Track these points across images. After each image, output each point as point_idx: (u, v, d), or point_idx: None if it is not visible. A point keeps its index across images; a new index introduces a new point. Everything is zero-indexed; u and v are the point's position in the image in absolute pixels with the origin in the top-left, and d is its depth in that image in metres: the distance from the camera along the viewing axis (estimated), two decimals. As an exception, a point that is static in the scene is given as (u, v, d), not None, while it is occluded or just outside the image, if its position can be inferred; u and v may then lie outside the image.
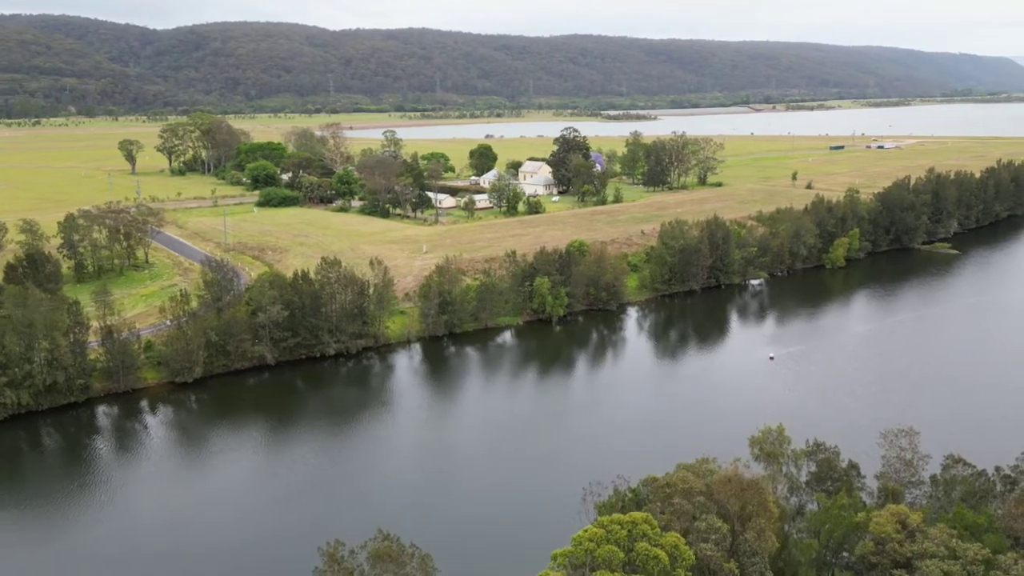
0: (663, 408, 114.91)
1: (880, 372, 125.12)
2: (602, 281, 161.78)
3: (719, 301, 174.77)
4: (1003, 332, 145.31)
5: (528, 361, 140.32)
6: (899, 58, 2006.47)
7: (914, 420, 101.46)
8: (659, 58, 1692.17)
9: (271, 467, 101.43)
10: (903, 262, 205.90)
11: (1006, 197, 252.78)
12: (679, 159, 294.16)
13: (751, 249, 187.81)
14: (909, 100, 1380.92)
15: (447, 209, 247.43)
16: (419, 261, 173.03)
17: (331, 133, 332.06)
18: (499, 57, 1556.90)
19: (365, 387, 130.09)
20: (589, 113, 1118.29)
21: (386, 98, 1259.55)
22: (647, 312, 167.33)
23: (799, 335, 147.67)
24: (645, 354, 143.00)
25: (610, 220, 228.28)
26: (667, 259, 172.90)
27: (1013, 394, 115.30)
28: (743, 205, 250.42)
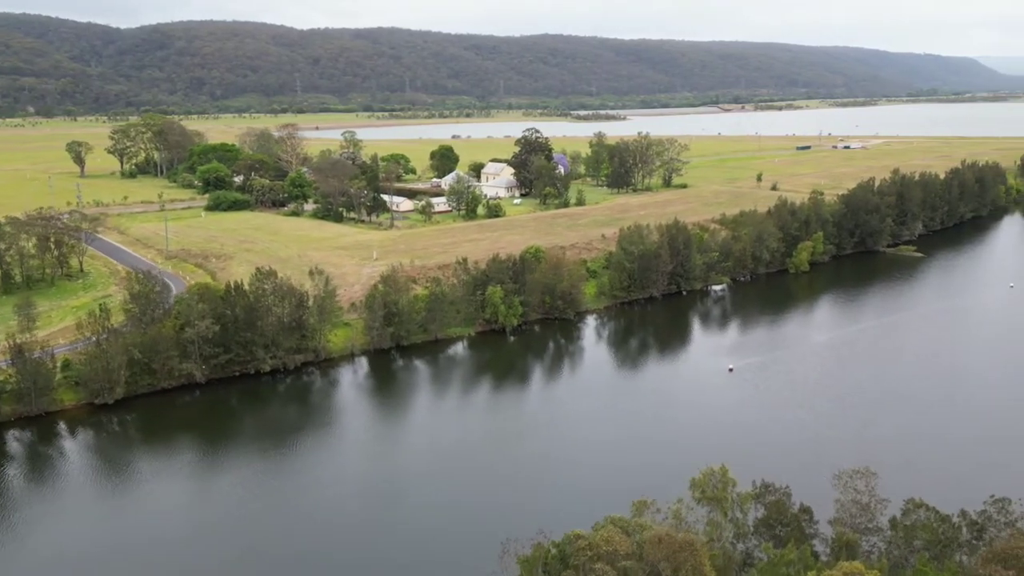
0: (615, 429, 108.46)
1: (840, 386, 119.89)
2: (558, 289, 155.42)
3: (680, 308, 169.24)
4: (965, 342, 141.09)
5: (479, 375, 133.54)
6: (866, 58, 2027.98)
7: (873, 440, 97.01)
8: (629, 58, 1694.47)
9: (201, 493, 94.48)
10: (867, 266, 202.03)
11: (970, 198, 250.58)
12: (643, 160, 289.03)
13: (713, 254, 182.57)
14: (876, 100, 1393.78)
15: (404, 213, 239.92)
16: (368, 269, 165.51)
17: (287, 134, 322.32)
18: (469, 57, 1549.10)
19: (304, 405, 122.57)
20: (559, 113, 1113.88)
21: (354, 98, 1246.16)
22: (605, 321, 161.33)
23: (760, 344, 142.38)
24: (601, 366, 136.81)
25: (571, 224, 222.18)
26: (626, 265, 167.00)
27: (972, 413, 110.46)
28: (707, 207, 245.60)
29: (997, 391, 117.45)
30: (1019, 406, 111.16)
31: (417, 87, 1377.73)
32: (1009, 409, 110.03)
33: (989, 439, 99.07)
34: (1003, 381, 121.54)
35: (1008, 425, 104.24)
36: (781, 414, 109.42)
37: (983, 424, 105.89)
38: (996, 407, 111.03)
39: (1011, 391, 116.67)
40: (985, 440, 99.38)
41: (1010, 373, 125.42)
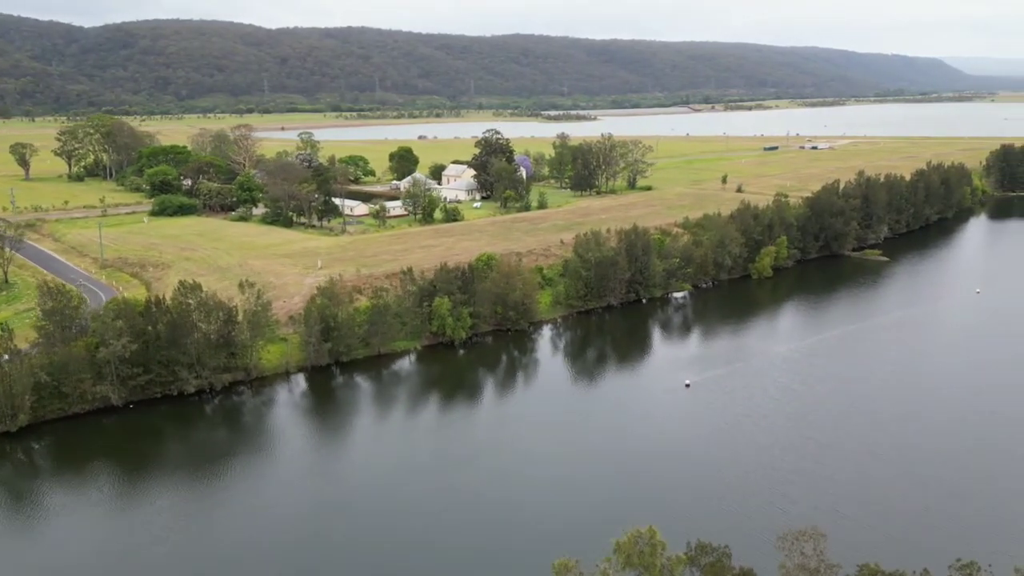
0: (562, 458, 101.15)
1: (799, 403, 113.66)
2: (510, 299, 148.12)
3: (639, 317, 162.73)
4: (931, 353, 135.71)
5: (424, 392, 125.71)
6: (834, 59, 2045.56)
7: (828, 476, 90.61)
8: (601, 58, 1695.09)
9: (119, 525, 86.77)
10: (832, 270, 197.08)
11: (936, 200, 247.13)
12: (607, 162, 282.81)
13: (674, 260, 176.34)
14: (844, 100, 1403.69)
15: (359, 217, 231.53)
16: (311, 278, 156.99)
17: (240, 134, 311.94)
18: (440, 56, 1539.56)
19: (233, 428, 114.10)
20: (529, 113, 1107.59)
21: (323, 98, 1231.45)
22: (560, 331, 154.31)
23: (719, 356, 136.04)
24: (553, 382, 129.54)
25: (530, 228, 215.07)
26: (582, 273, 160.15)
27: (937, 438, 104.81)
28: (671, 211, 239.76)
29: (963, 411, 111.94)
30: (988, 430, 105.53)
31: (387, 87, 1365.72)
32: (977, 434, 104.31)
33: (955, 475, 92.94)
34: (970, 398, 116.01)
35: (977, 454, 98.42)
36: (733, 438, 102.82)
37: (949, 453, 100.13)
38: (963, 430, 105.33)
39: (978, 411, 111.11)
40: (950, 479, 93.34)
41: (977, 388, 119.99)
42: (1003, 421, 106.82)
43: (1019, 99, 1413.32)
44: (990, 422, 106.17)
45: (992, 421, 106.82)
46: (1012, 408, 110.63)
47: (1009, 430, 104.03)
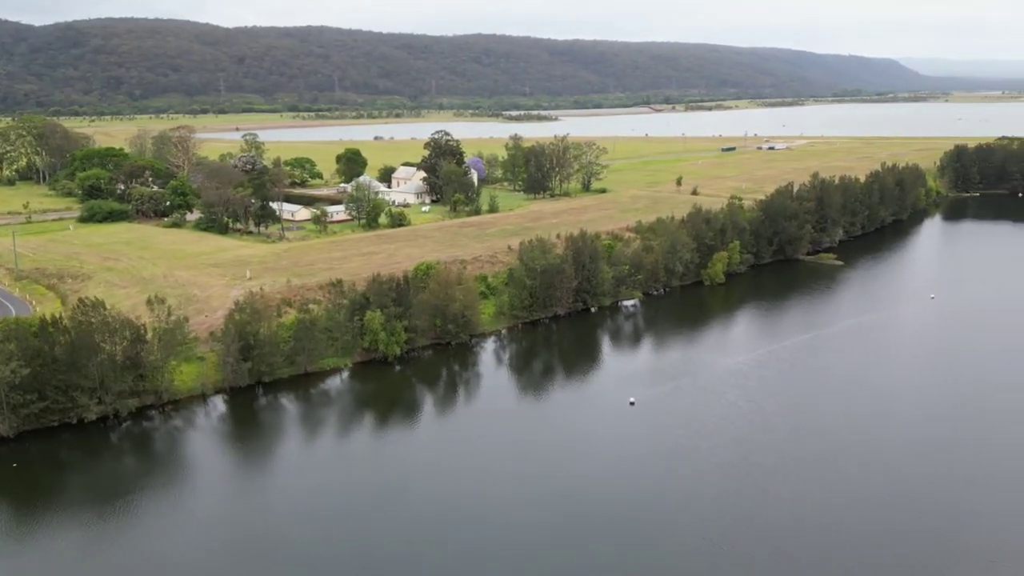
0: (496, 483, 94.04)
1: (744, 423, 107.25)
2: (450, 311, 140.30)
3: (587, 327, 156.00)
4: (881, 367, 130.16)
5: (354, 413, 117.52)
6: (793, 59, 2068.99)
7: (767, 519, 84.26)
8: (563, 58, 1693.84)
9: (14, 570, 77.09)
10: (786, 275, 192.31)
11: (891, 202, 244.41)
12: (560, 164, 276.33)
13: (623, 267, 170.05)
14: (803, 100, 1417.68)
15: (300, 223, 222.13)
16: (238, 290, 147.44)
17: (179, 135, 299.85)
18: (401, 56, 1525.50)
19: (139, 458, 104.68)
20: (490, 114, 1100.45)
21: (281, 98, 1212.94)
22: (504, 344, 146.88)
23: (666, 370, 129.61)
24: (492, 400, 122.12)
25: (479, 233, 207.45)
26: (526, 282, 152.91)
27: (885, 461, 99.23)
28: (624, 214, 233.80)
29: (917, 435, 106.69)
30: (943, 456, 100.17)
31: (347, 87, 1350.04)
32: (932, 461, 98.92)
33: (910, 510, 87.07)
34: (924, 422, 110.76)
35: (931, 483, 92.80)
36: (673, 464, 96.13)
37: (902, 483, 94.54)
38: (917, 457, 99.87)
39: (933, 437, 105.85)
40: (904, 515, 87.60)
41: (932, 408, 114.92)
42: (960, 445, 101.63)
43: (972, 99, 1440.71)
44: (946, 448, 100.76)
45: (948, 446, 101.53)
46: (967, 431, 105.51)
47: (966, 455, 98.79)
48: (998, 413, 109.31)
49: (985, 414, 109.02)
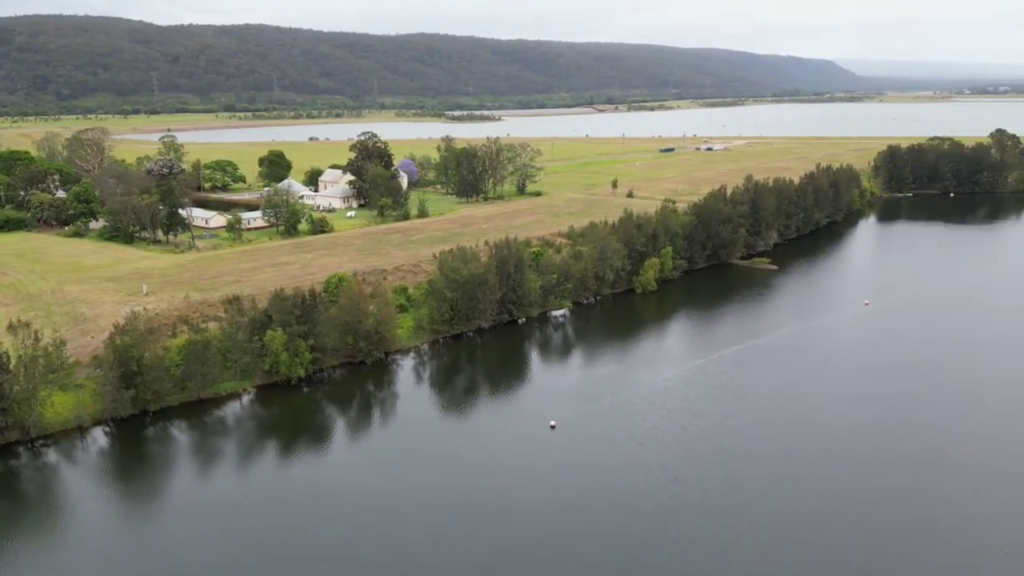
0: (404, 520, 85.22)
1: (667, 449, 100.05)
2: (362, 327, 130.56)
3: (513, 341, 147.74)
4: (811, 382, 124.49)
5: (247, 445, 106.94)
6: (734, 60, 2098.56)
7: (694, 543, 76.82)
8: (507, 58, 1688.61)
9: None
10: (720, 281, 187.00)
11: (825, 204, 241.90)
12: (493, 166, 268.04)
13: (551, 276, 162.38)
14: (743, 100, 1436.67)
15: (214, 230, 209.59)
16: (130, 307, 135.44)
17: (88, 137, 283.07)
18: (342, 55, 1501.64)
19: (8, 503, 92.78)
20: (433, 114, 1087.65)
21: (217, 98, 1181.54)
22: (423, 361, 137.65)
23: (590, 388, 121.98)
24: (404, 425, 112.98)
25: (403, 240, 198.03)
26: (447, 294, 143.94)
27: (811, 491, 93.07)
28: (557, 219, 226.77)
29: (850, 450, 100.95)
30: (875, 487, 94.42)
31: (286, 86, 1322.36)
32: (862, 495, 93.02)
33: (839, 546, 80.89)
34: (857, 445, 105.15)
35: (862, 519, 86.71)
36: (590, 497, 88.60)
37: (831, 515, 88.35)
38: (849, 487, 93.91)
39: (865, 451, 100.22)
40: (833, 552, 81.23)
41: (864, 428, 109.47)
42: (891, 464, 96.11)
43: (905, 99, 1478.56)
44: (877, 477, 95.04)
45: (879, 466, 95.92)
46: (899, 448, 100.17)
47: (899, 485, 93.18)
48: (929, 428, 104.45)
49: (917, 428, 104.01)
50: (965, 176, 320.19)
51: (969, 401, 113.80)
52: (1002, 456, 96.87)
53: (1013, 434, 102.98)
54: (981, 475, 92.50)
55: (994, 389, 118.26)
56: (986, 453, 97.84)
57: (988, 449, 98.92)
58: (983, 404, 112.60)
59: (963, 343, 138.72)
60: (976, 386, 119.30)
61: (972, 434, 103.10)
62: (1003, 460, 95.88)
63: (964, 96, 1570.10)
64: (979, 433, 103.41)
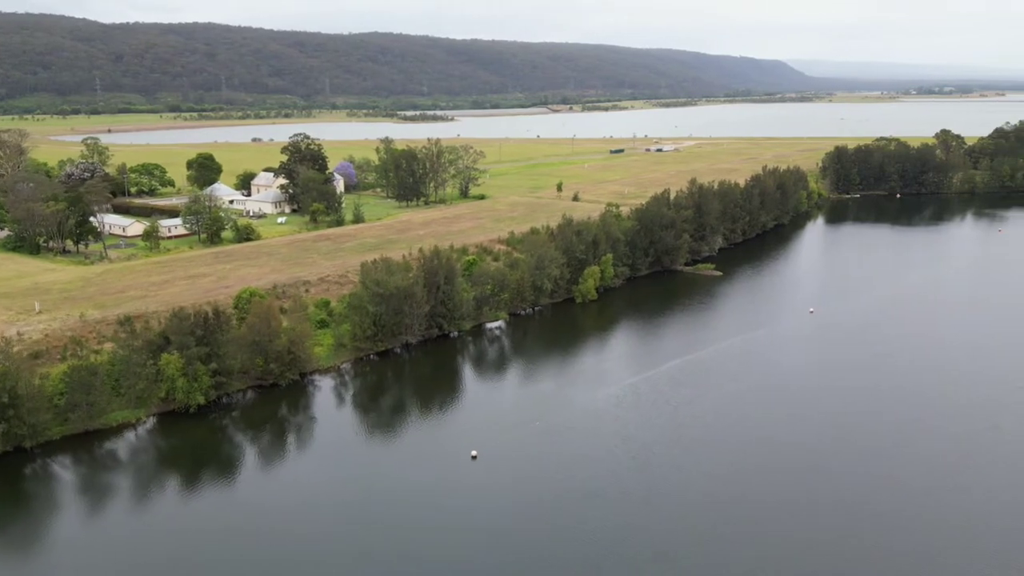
0: (311, 566, 75.86)
1: (593, 480, 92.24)
2: (273, 347, 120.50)
3: (442, 358, 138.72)
4: (751, 402, 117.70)
5: (136, 482, 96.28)
6: (687, 60, 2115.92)
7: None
8: (461, 58, 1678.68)
9: None
10: (663, 289, 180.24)
11: (772, 206, 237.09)
12: (434, 169, 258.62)
13: (486, 287, 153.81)
14: (696, 100, 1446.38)
15: (133, 238, 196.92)
16: (19, 328, 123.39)
17: (7, 139, 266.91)
18: (293, 54, 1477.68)
19: None
20: (385, 114, 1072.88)
21: (163, 97, 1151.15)
22: (342, 382, 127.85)
23: (518, 410, 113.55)
24: (316, 456, 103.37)
25: (333, 248, 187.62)
26: (369, 308, 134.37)
27: (741, 524, 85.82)
28: (499, 224, 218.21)
29: (790, 471, 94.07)
30: (816, 531, 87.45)
31: (235, 86, 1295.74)
32: (800, 548, 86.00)
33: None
34: (796, 479, 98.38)
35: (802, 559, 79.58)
36: (509, 537, 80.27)
37: (770, 535, 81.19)
38: (785, 535, 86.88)
39: (809, 480, 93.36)
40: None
41: (807, 451, 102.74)
42: (833, 493, 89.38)
43: (853, 100, 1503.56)
44: (817, 496, 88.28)
45: (819, 495, 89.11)
46: (839, 483, 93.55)
47: (841, 502, 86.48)
48: (870, 446, 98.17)
49: (860, 448, 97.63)
50: (911, 177, 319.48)
51: (915, 425, 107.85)
52: (953, 484, 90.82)
53: (966, 458, 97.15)
54: (932, 513, 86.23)
55: (943, 412, 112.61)
56: (931, 480, 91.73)
57: (933, 476, 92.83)
58: (928, 426, 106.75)
59: (908, 358, 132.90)
60: (922, 406, 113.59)
61: (916, 454, 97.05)
62: (953, 488, 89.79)
63: (911, 96, 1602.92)
64: (923, 454, 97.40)
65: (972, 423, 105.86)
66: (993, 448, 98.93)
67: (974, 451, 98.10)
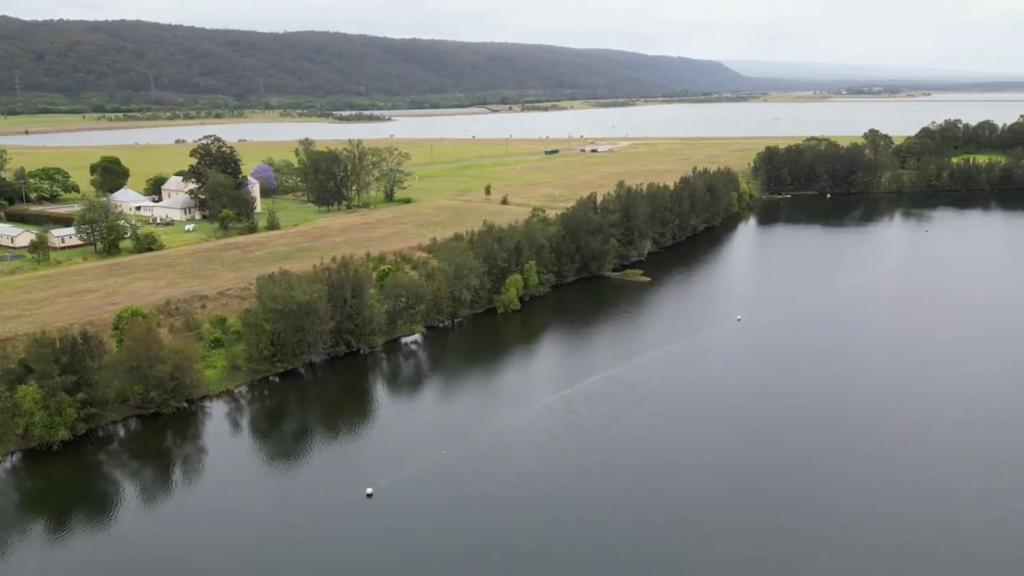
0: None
1: (497, 516, 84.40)
2: (154, 373, 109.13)
3: (348, 378, 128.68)
4: (667, 419, 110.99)
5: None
6: (626, 61, 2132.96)
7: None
8: (399, 57, 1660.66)
9: None
10: (589, 297, 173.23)
11: (702, 208, 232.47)
12: (356, 172, 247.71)
13: (400, 300, 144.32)
14: (634, 100, 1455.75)
15: (19, 250, 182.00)
16: None
17: None
18: (225, 53, 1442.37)
19: None
20: (320, 113, 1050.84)
21: (88, 97, 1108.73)
22: (237, 408, 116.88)
23: (426, 439, 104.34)
24: (188, 496, 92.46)
25: (239, 259, 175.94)
26: (266, 326, 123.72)
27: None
28: (422, 229, 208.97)
29: (709, 501, 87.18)
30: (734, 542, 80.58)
31: (164, 85, 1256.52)
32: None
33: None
34: (715, 483, 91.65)
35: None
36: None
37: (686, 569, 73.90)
38: (703, 533, 79.88)
39: (730, 509, 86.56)
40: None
41: (730, 474, 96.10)
42: (753, 523, 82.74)
43: (788, 99, 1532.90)
44: (739, 526, 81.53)
45: (742, 526, 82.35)
46: (760, 506, 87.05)
47: (764, 523, 79.85)
48: (791, 467, 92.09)
49: (779, 468, 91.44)
50: (841, 177, 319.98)
51: (839, 442, 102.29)
52: (888, 511, 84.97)
53: (895, 477, 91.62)
54: (869, 538, 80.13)
55: (871, 429, 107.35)
56: (862, 498, 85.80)
57: (863, 494, 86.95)
58: (853, 440, 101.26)
59: (833, 371, 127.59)
60: (847, 427, 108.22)
61: (846, 470, 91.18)
62: (888, 515, 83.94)
63: (842, 96, 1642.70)
64: (851, 470, 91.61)
65: (900, 439, 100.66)
66: (925, 466, 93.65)
67: (906, 469, 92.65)
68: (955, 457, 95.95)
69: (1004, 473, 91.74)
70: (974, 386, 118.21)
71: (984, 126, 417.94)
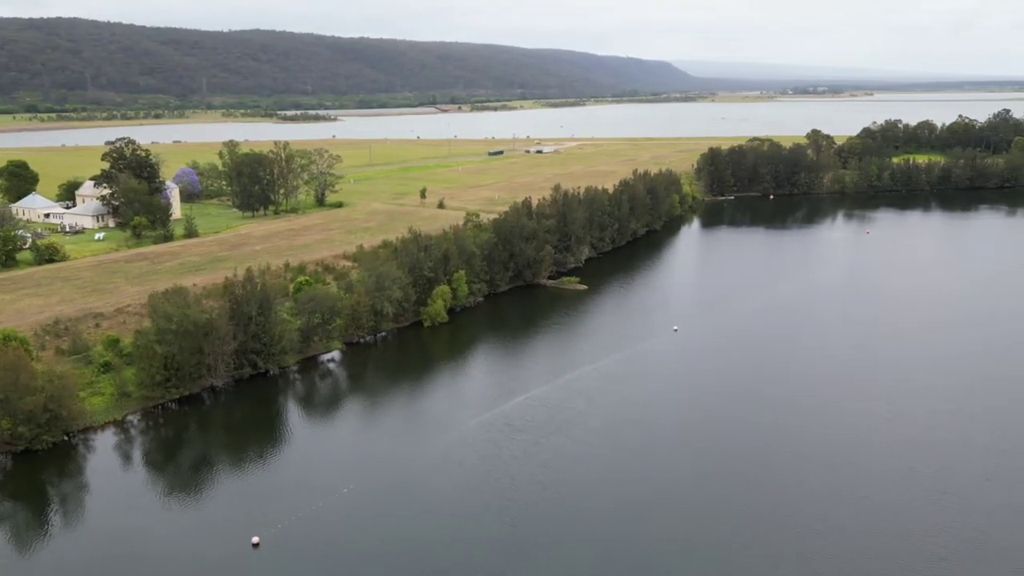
0: None
1: (404, 557, 75.55)
2: (25, 404, 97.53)
3: (253, 403, 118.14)
4: (591, 443, 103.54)
5: None
6: (577, 61, 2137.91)
7: None
8: (347, 56, 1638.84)
9: None
10: (522, 307, 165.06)
11: (642, 212, 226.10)
12: (283, 175, 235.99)
13: (315, 315, 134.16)
14: (585, 100, 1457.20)
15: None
16: None
17: None
18: (167, 52, 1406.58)
19: None
20: (265, 113, 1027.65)
21: (21, 97, 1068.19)
22: (125, 439, 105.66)
23: (329, 473, 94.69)
24: (54, 548, 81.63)
25: (147, 270, 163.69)
26: (157, 349, 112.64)
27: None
28: (350, 236, 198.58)
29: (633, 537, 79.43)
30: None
31: (102, 85, 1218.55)
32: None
33: None
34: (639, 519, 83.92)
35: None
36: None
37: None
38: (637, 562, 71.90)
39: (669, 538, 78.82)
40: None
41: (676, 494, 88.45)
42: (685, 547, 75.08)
43: (735, 99, 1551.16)
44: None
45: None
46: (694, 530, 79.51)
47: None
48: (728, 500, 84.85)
49: (715, 501, 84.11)
50: (784, 177, 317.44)
51: (768, 471, 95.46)
52: (833, 524, 78.03)
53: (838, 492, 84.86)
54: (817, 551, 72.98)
55: (805, 444, 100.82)
56: (805, 514, 78.79)
57: (808, 509, 79.96)
58: (782, 466, 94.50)
59: (772, 390, 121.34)
60: (780, 444, 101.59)
61: (788, 489, 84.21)
62: (833, 528, 76.97)
63: (787, 96, 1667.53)
64: (794, 488, 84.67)
65: (833, 456, 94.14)
66: (863, 484, 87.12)
67: (847, 481, 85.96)
68: (896, 476, 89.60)
69: (943, 494, 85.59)
70: (916, 401, 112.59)
71: (924, 126, 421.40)
